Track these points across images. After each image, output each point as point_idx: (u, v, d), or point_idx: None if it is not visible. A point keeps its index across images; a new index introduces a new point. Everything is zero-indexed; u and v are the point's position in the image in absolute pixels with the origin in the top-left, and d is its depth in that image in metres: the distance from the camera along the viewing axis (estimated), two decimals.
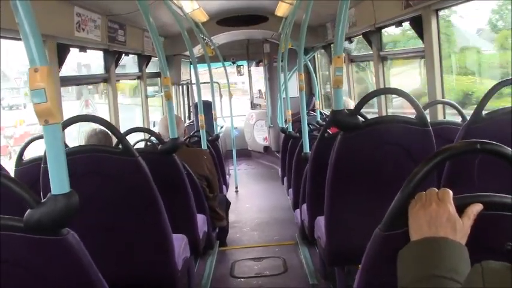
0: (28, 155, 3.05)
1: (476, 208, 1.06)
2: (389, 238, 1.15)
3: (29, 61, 1.23)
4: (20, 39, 1.21)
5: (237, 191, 7.44)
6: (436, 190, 1.10)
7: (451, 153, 1.11)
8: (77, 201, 1.29)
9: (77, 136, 4.32)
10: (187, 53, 7.39)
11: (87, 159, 2.18)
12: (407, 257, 1.05)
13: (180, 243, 2.64)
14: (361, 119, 2.29)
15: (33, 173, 2.70)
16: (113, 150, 2.26)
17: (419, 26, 3.80)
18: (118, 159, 2.20)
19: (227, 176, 6.46)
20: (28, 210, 1.24)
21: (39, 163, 2.75)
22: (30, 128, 6.20)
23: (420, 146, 2.26)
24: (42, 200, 1.26)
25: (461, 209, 1.06)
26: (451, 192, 1.09)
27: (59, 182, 1.27)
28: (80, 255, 1.32)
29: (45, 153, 2.15)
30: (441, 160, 1.10)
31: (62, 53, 3.62)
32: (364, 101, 2.35)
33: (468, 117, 2.86)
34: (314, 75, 7.43)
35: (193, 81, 9.14)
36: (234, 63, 10.05)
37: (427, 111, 3.10)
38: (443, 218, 1.04)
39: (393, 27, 4.48)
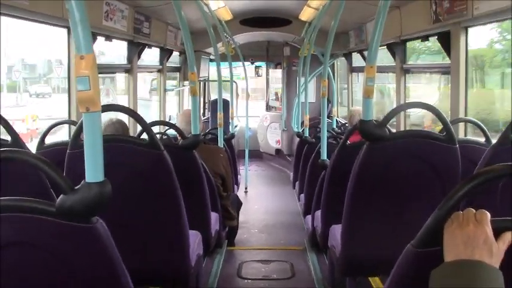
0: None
1: None
2: (421, 255, 1.13)
3: (76, 48, 1.24)
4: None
5: (246, 192, 7.44)
6: (474, 211, 1.09)
7: (494, 175, 1.09)
8: (110, 191, 1.29)
9: None
10: (206, 50, 7.42)
11: (112, 148, 2.18)
12: (440, 278, 1.03)
13: (194, 239, 2.63)
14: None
15: (54, 157, 2.71)
16: (138, 142, 2.26)
17: (446, 41, 3.78)
18: (142, 151, 2.19)
19: (238, 176, 6.47)
20: (61, 196, 1.24)
21: (60, 148, 2.77)
22: (41, 123, 6.08)
23: (445, 163, 2.24)
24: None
25: (497, 233, 1.05)
26: (488, 214, 1.07)
27: (93, 170, 1.27)
28: (107, 245, 1.32)
29: (72, 139, 2.18)
30: (484, 181, 1.08)
31: None
32: (392, 113, 2.34)
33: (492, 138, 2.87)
34: (333, 82, 7.41)
35: (211, 78, 9.19)
36: (252, 63, 10.05)
37: None
38: (480, 240, 1.03)
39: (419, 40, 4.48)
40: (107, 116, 3.13)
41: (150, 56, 5.93)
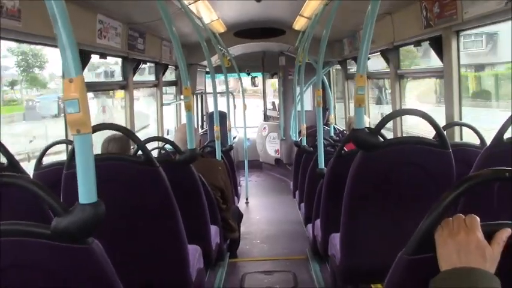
0: None
1: (505, 234, 1.05)
2: (413, 262, 1.14)
3: (64, 72, 1.25)
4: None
5: (247, 203, 7.43)
6: (463, 216, 1.09)
7: (481, 179, 1.10)
8: (104, 211, 1.30)
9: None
10: (202, 62, 7.45)
11: (108, 167, 2.19)
12: (439, 286, 1.03)
13: (194, 254, 2.64)
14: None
15: (51, 177, 2.73)
16: (134, 160, 2.27)
17: (438, 46, 3.80)
18: (138, 169, 2.21)
19: (238, 187, 6.47)
20: (55, 218, 1.25)
21: (58, 168, 2.79)
22: None
23: (439, 168, 2.25)
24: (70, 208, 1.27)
25: (489, 236, 1.06)
26: (478, 218, 1.08)
27: (87, 192, 1.28)
28: (103, 265, 1.32)
29: (68, 159, 2.19)
30: (471, 185, 1.09)
31: (83, 60, 3.66)
32: (384, 121, 2.35)
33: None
34: (329, 89, 7.44)
35: (208, 91, 9.21)
36: (248, 74, 10.08)
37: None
38: (472, 246, 1.03)
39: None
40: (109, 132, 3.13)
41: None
